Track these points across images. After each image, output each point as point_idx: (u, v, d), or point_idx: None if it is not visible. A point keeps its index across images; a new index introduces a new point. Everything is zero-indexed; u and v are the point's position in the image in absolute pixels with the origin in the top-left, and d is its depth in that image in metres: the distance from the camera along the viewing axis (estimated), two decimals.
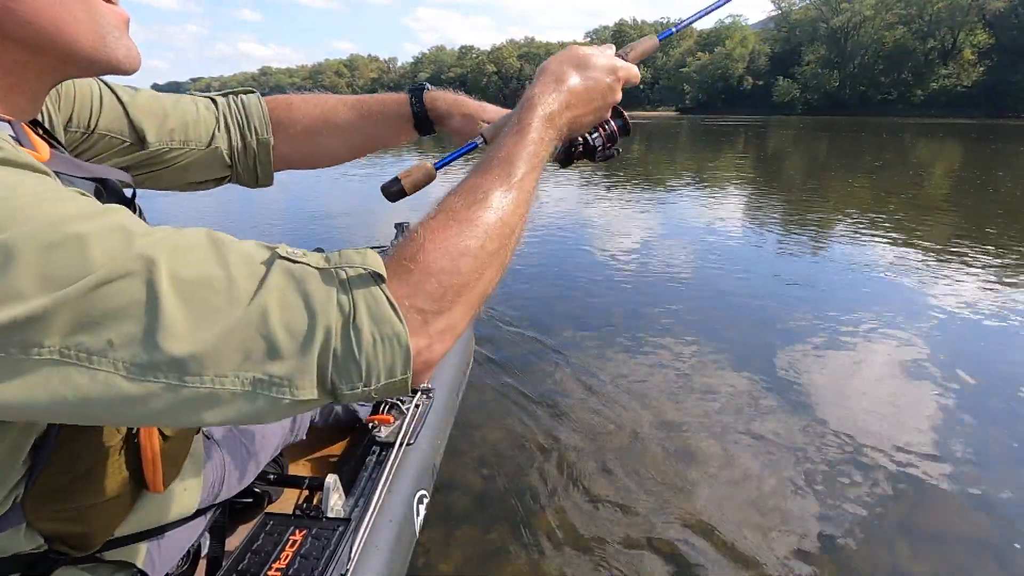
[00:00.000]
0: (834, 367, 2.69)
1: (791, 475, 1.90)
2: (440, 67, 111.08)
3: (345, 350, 0.41)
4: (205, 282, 0.38)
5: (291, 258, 0.42)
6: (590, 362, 2.73)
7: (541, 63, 0.64)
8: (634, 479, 1.88)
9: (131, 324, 0.35)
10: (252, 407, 0.40)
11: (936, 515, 1.75)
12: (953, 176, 10.54)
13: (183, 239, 0.39)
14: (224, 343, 0.38)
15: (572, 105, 0.61)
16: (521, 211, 0.53)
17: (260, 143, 0.83)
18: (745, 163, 13.04)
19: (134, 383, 0.36)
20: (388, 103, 0.85)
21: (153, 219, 0.51)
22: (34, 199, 0.35)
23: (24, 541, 0.53)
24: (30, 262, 0.33)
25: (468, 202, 0.50)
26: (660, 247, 5.02)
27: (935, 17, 54.86)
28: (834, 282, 4.05)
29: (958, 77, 52.33)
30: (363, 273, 0.43)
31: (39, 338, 0.34)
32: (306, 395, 0.40)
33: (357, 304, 0.42)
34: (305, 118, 0.85)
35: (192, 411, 0.38)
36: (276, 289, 0.40)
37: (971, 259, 4.52)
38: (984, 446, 2.08)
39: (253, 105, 0.84)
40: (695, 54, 76.80)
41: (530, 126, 0.56)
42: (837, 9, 62.05)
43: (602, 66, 0.64)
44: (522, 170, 0.53)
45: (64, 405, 0.36)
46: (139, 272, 0.36)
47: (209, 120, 0.80)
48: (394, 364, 0.43)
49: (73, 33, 0.45)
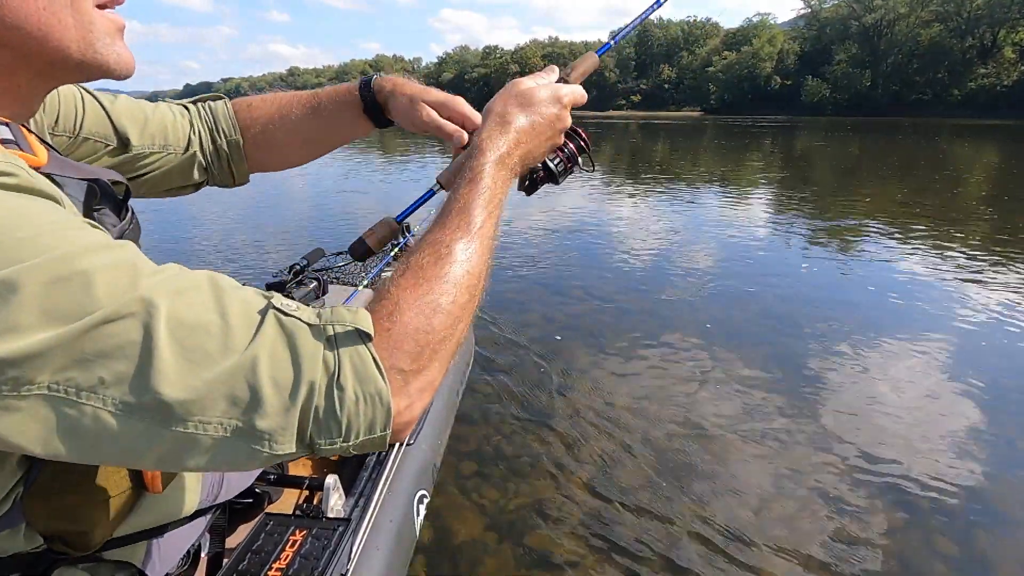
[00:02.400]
0: (860, 376, 2.64)
1: (809, 482, 1.87)
2: (464, 67, 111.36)
3: (328, 408, 0.42)
4: (202, 327, 0.39)
5: (284, 311, 0.43)
6: (592, 363, 2.73)
7: (488, 104, 0.65)
8: (636, 481, 1.87)
9: (124, 364, 0.36)
10: (230, 455, 0.40)
11: (963, 535, 1.70)
12: (991, 180, 10.18)
13: (186, 282, 0.40)
14: (212, 390, 0.38)
15: (521, 143, 0.62)
16: (485, 258, 0.54)
17: (230, 143, 0.84)
18: (771, 167, 12.79)
19: (120, 421, 0.36)
20: (340, 92, 0.84)
21: (154, 220, 0.52)
22: (44, 229, 0.36)
23: (24, 541, 0.54)
24: (34, 295, 0.33)
25: (434, 258, 0.51)
26: (675, 249, 4.96)
27: (974, 14, 52.90)
28: (862, 290, 3.96)
29: (998, 76, 50.35)
30: (351, 331, 0.44)
31: (32, 375, 0.34)
32: (284, 449, 0.41)
33: (343, 362, 0.42)
34: (262, 117, 0.85)
35: (172, 454, 0.39)
36: (268, 341, 0.40)
37: (1008, 269, 4.36)
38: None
39: (219, 108, 0.85)
40: (721, 53, 75.51)
41: (482, 172, 0.58)
42: (870, 7, 60.32)
43: (545, 99, 0.65)
44: (480, 218, 0.55)
45: (48, 438, 0.36)
46: (139, 313, 0.36)
47: (184, 125, 0.82)
48: (374, 422, 0.44)
49: (61, 39, 0.45)
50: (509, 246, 5.06)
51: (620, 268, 4.42)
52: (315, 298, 1.36)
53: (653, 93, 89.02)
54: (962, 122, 37.19)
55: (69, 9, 0.45)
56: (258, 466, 0.43)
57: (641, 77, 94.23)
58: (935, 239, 5.36)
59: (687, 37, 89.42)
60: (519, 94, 0.65)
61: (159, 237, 5.38)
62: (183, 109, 0.84)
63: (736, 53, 72.77)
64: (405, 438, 0.52)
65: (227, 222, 6.27)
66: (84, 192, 0.54)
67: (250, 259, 4.74)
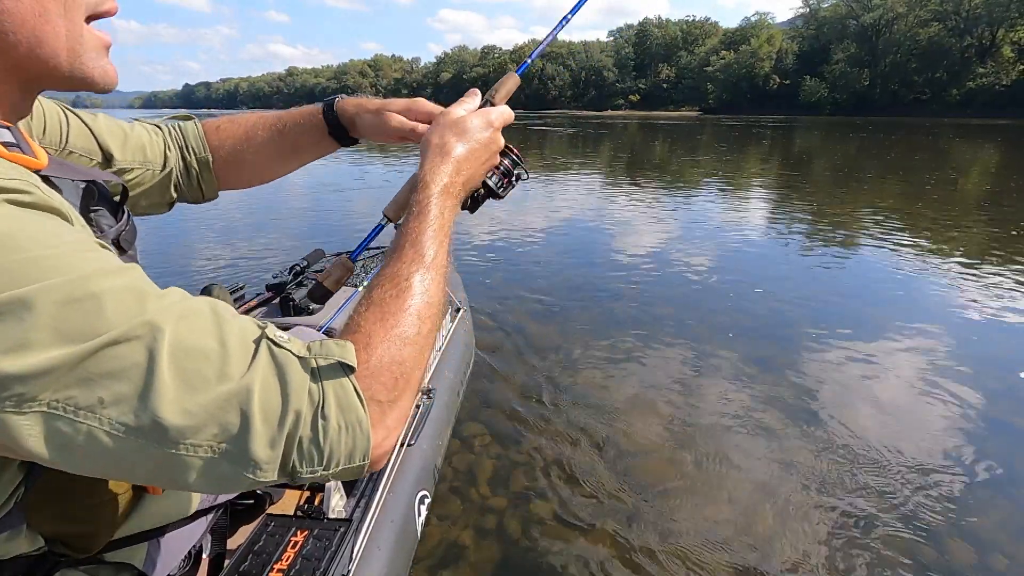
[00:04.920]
0: (855, 375, 2.64)
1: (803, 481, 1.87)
2: (462, 67, 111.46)
3: (311, 438, 0.43)
4: (202, 353, 0.40)
5: (277, 342, 0.45)
6: (592, 362, 2.72)
7: (428, 137, 0.69)
8: (637, 482, 1.87)
9: (126, 385, 0.37)
10: (215, 478, 0.42)
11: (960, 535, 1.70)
12: (990, 180, 10.19)
13: (189, 308, 0.42)
14: (207, 414, 0.39)
15: (462, 170, 0.66)
16: (440, 286, 0.57)
17: (200, 161, 0.88)
18: (769, 166, 12.81)
19: (113, 440, 0.38)
20: (304, 115, 0.88)
21: (153, 222, 0.53)
22: (59, 250, 0.37)
23: (25, 543, 0.54)
24: (48, 315, 0.35)
25: (395, 292, 0.54)
26: (676, 250, 4.96)
27: (972, 13, 53.03)
28: (859, 289, 3.95)
29: (997, 76, 50.46)
30: (335, 363, 0.46)
31: (36, 392, 0.35)
32: (267, 477, 0.43)
33: (327, 393, 0.44)
34: (230, 139, 0.89)
35: (161, 473, 0.40)
36: (260, 370, 0.42)
37: (1006, 272, 4.37)
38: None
39: (189, 128, 0.88)
40: (719, 52, 75.62)
41: (429, 204, 0.61)
42: (868, 6, 60.46)
43: (478, 125, 0.69)
44: (432, 249, 0.58)
45: (41, 451, 0.37)
46: (145, 337, 0.38)
47: (159, 143, 0.84)
48: (354, 451, 0.46)
49: (53, 48, 0.46)
50: (509, 246, 5.05)
51: (620, 268, 4.42)
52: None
53: (652, 93, 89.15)
54: (961, 121, 37.30)
55: (63, 20, 0.46)
56: (240, 490, 0.44)
57: (640, 77, 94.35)
58: (933, 238, 5.35)
59: (686, 37, 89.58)
60: (452, 124, 0.69)
61: (158, 239, 5.35)
62: (156, 128, 0.87)
63: (734, 52, 72.90)
64: (380, 467, 0.54)
65: (226, 223, 6.25)
66: (81, 193, 0.55)
67: (250, 260, 4.73)
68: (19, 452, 0.37)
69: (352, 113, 0.85)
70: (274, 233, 5.77)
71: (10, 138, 0.46)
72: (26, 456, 0.38)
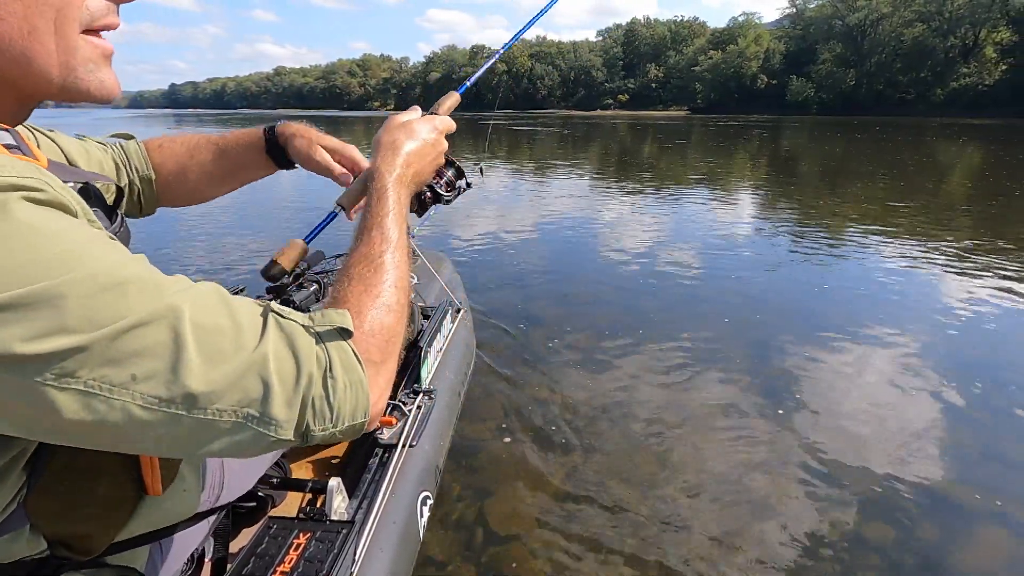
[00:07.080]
0: (840, 374, 2.66)
1: (789, 483, 1.88)
2: (451, 66, 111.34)
3: (323, 396, 0.48)
4: (219, 330, 0.44)
5: (282, 314, 0.50)
6: (592, 362, 2.72)
7: (380, 137, 0.75)
8: (638, 482, 1.87)
9: (156, 362, 0.41)
10: (239, 440, 0.45)
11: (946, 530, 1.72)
12: (973, 180, 10.35)
13: (199, 291, 0.46)
14: (228, 382, 0.43)
15: (411, 163, 0.73)
16: (406, 263, 0.64)
17: (142, 179, 0.92)
18: (757, 165, 12.92)
19: (147, 412, 0.41)
20: (246, 136, 0.93)
21: (152, 223, 0.52)
22: (80, 244, 0.40)
23: (27, 546, 0.54)
24: (80, 304, 0.38)
25: (372, 269, 0.60)
26: (666, 250, 4.98)
27: (956, 14, 53.86)
28: (843, 288, 3.99)
29: (980, 76, 51.29)
30: (335, 329, 0.51)
31: (74, 368, 0.38)
32: (286, 435, 0.47)
33: (332, 356, 0.50)
34: (172, 157, 0.93)
35: (190, 440, 0.44)
36: (272, 340, 0.47)
37: (989, 270, 4.43)
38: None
39: (131, 147, 0.92)
40: (707, 52, 76.16)
41: (386, 191, 0.68)
42: (853, 6, 61.19)
43: (425, 127, 0.77)
44: (396, 232, 0.65)
45: (78, 428, 0.40)
46: (168, 317, 0.42)
47: (110, 160, 0.87)
48: (357, 408, 0.51)
49: (44, 64, 0.46)
50: (508, 246, 5.04)
51: (620, 268, 4.42)
52: (316, 300, 1.35)
53: (640, 92, 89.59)
54: (945, 121, 37.85)
55: (53, 36, 0.46)
56: (258, 452, 0.48)
57: (628, 76, 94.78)
58: (918, 236, 5.41)
59: (674, 36, 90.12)
60: (400, 126, 0.76)
61: (158, 241, 5.23)
62: (103, 145, 0.88)
63: (722, 52, 73.44)
64: (373, 427, 0.60)
65: (226, 224, 6.16)
66: (78, 196, 0.54)
67: (251, 261, 4.67)
68: (54, 429, 0.40)
69: (288, 136, 0.91)
70: (274, 234, 5.72)
71: (11, 140, 0.48)
72: (56, 434, 0.41)
